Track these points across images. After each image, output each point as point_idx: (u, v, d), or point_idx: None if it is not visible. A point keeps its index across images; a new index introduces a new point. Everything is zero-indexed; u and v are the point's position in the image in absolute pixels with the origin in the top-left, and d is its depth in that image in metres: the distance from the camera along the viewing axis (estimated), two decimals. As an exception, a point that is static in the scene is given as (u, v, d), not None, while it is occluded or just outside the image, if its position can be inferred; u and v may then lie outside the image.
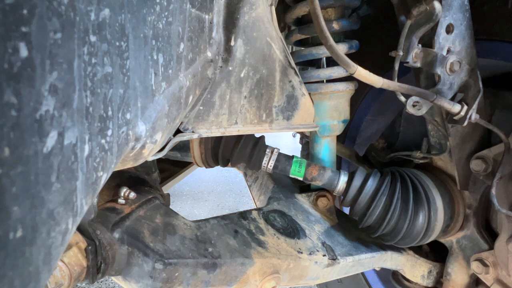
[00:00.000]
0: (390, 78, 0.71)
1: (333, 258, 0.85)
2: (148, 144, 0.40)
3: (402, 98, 0.73)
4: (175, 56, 0.42)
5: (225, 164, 0.89)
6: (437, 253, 1.05)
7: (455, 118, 0.74)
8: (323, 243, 0.87)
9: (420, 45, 0.72)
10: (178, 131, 0.65)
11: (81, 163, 0.24)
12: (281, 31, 0.94)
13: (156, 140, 0.41)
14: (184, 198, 3.12)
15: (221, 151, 0.85)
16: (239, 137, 0.84)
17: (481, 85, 0.73)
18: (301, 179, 0.87)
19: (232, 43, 0.64)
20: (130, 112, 0.32)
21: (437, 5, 0.66)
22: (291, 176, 0.87)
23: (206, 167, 0.89)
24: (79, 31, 0.22)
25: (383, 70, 1.05)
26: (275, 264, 0.76)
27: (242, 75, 0.68)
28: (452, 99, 0.75)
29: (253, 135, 0.86)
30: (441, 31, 0.71)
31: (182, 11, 0.43)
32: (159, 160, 0.83)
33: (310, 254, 0.82)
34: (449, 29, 0.72)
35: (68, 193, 0.23)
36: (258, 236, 0.80)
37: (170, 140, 0.62)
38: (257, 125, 0.74)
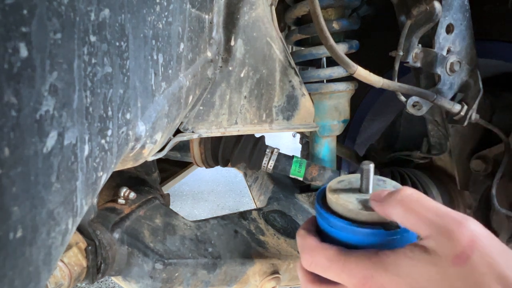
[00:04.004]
0: (390, 78, 0.71)
1: (333, 258, 0.85)
2: (148, 144, 0.40)
3: (402, 98, 0.73)
4: (175, 56, 0.42)
5: (225, 164, 0.89)
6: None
7: (455, 118, 0.74)
8: (323, 243, 0.87)
9: (420, 45, 0.72)
10: (178, 131, 0.65)
11: (81, 163, 0.24)
12: (281, 31, 0.94)
13: (156, 140, 0.41)
14: (184, 198, 3.12)
15: (221, 151, 0.85)
16: (239, 137, 0.84)
17: (481, 85, 0.73)
18: (301, 179, 0.87)
19: (232, 43, 0.64)
20: (130, 112, 0.32)
21: (437, 5, 0.65)
22: (291, 176, 0.87)
23: (206, 167, 0.89)
24: (79, 31, 0.22)
25: (383, 70, 1.05)
26: (275, 264, 0.76)
27: (242, 75, 0.68)
28: (452, 99, 0.75)
29: (253, 135, 0.85)
30: (441, 31, 0.71)
31: (182, 11, 0.43)
32: (159, 160, 0.83)
33: (310, 254, 0.82)
34: (449, 29, 0.72)
35: (68, 193, 0.23)
36: (258, 236, 0.80)
37: (170, 140, 0.62)
38: (257, 125, 0.74)
